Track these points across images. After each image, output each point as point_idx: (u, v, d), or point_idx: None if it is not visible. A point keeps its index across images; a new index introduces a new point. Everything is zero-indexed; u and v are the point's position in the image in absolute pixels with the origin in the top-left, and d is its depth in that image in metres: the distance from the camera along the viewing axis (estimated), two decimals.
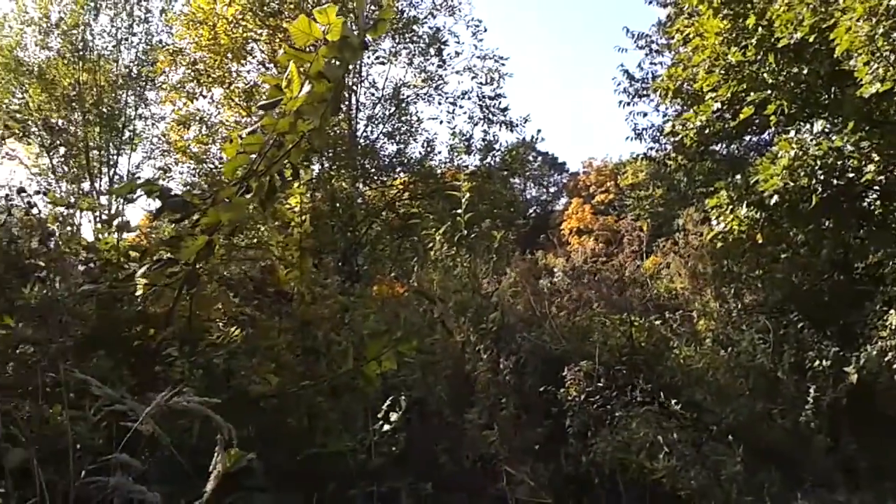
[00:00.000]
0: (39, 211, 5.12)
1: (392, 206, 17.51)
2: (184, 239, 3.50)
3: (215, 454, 2.27)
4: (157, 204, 3.72)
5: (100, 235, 5.30)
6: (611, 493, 4.96)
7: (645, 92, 20.51)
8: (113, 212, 5.74)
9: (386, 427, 3.79)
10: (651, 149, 18.84)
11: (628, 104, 20.56)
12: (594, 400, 5.80)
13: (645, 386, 5.77)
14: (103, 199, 22.76)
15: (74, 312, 3.33)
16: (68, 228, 5.23)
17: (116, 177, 25.06)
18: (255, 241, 4.22)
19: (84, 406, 2.82)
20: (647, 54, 22.28)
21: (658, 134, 19.11)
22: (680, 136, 10.39)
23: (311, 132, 3.88)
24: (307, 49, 3.87)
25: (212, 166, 17.39)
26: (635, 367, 6.35)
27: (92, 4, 23.80)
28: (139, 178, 24.77)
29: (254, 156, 3.70)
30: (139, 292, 3.58)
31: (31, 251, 4.89)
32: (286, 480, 3.71)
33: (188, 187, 16.87)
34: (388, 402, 3.87)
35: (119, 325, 3.63)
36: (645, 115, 25.65)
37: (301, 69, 3.54)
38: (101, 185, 24.89)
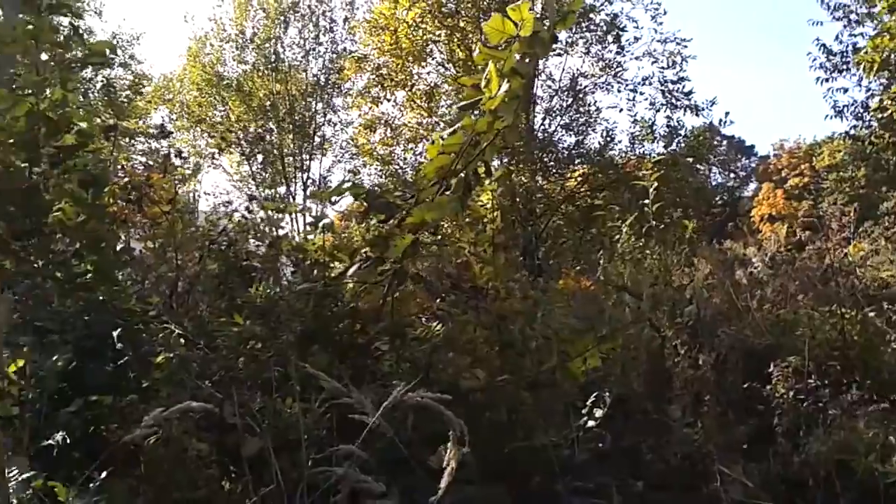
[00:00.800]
0: (252, 215, 5.54)
1: (572, 199, 17.37)
2: (392, 238, 3.65)
3: (448, 449, 2.33)
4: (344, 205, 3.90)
5: (307, 237, 5.66)
6: (827, 495, 4.63)
7: (845, 66, 18.98)
8: (316, 214, 6.07)
9: (590, 423, 3.76)
10: (854, 127, 17.43)
11: (826, 80, 19.12)
12: (804, 397, 5.44)
13: (863, 382, 5.34)
14: (297, 201, 24.24)
15: (294, 310, 3.55)
16: (280, 231, 5.59)
17: (309, 181, 26.62)
18: (438, 237, 4.31)
19: (309, 398, 3.00)
20: (845, 25, 20.61)
21: (862, 110, 17.64)
22: (889, 111, 9.55)
23: (503, 129, 3.92)
24: (499, 47, 3.91)
25: (397, 167, 18.06)
26: (849, 362, 5.89)
27: (282, 18, 25.39)
28: (330, 181, 26.20)
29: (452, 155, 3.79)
30: (349, 290, 3.78)
31: (247, 253, 5.29)
32: (491, 473, 3.77)
33: (376, 188, 17.59)
34: (592, 398, 3.84)
35: (333, 321, 3.84)
36: (845, 90, 23.74)
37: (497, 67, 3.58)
38: (295, 189, 26.55)
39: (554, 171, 17.41)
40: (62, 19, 5.08)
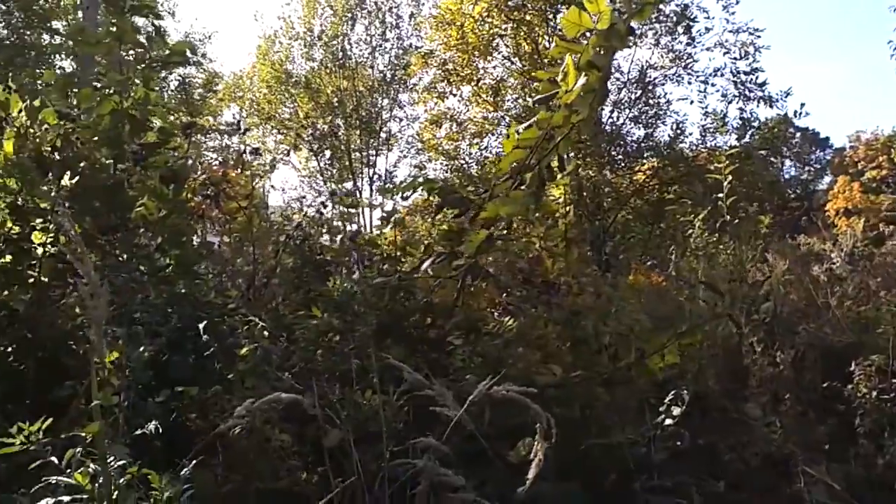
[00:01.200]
0: (326, 210, 5.62)
1: (640, 193, 17.11)
2: (466, 233, 3.66)
3: (534, 443, 2.33)
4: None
5: (380, 231, 5.71)
6: None
7: None
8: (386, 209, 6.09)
9: (668, 421, 3.70)
10: None
11: None
12: (888, 397, 5.25)
13: None
14: (364, 197, 24.47)
15: (370, 304, 3.58)
16: (353, 226, 5.66)
17: (375, 176, 26.85)
18: (503, 231, 4.29)
19: (386, 391, 3.03)
20: None
21: None
22: None
23: (579, 123, 3.88)
24: (576, 40, 3.87)
25: (462, 162, 18.08)
26: None
27: (349, 16, 25.64)
28: (395, 176, 26.40)
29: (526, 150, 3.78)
30: (424, 285, 3.81)
31: (321, 247, 5.37)
32: (565, 470, 3.74)
33: (443, 183, 17.66)
34: (670, 396, 3.78)
35: (406, 315, 3.86)
36: None
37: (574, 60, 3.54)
38: (361, 185, 26.81)
39: (622, 164, 17.18)
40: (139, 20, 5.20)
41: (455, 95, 18.50)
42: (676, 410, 3.72)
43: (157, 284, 3.85)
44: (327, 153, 26.77)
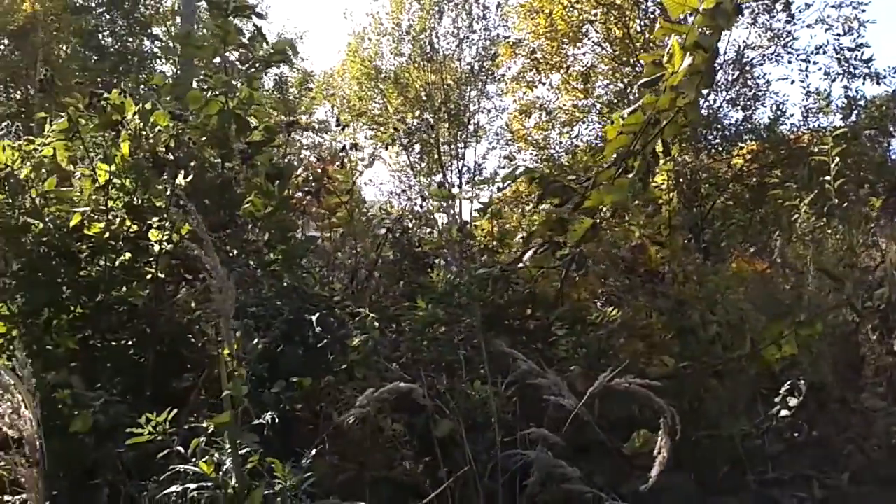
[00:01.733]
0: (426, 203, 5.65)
1: (739, 178, 16.51)
2: (569, 222, 3.61)
3: (659, 437, 2.28)
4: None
5: (474, 223, 5.71)
6: None
7: None
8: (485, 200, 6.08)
9: (784, 412, 3.56)
10: None
11: None
12: None
13: None
14: (454, 189, 24.54)
15: (473, 296, 3.58)
16: (450, 218, 5.68)
17: (464, 168, 26.88)
18: (608, 220, 4.21)
19: (493, 381, 3.02)
20: None
21: None
22: None
23: (685, 106, 3.78)
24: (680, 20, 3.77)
25: (553, 151, 17.90)
26: None
27: (436, 9, 25.71)
28: (484, 168, 26.37)
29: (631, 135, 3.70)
30: (527, 275, 3.78)
31: (420, 240, 5.41)
32: (675, 461, 3.65)
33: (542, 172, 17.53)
34: (785, 386, 3.64)
35: (509, 306, 3.85)
36: None
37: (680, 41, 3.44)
38: (451, 177, 26.89)
39: (720, 148, 16.63)
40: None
41: (544, 84, 18.31)
42: (793, 401, 3.58)
43: (267, 279, 3.95)
44: (416, 147, 26.96)
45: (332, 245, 6.06)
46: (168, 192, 3.72)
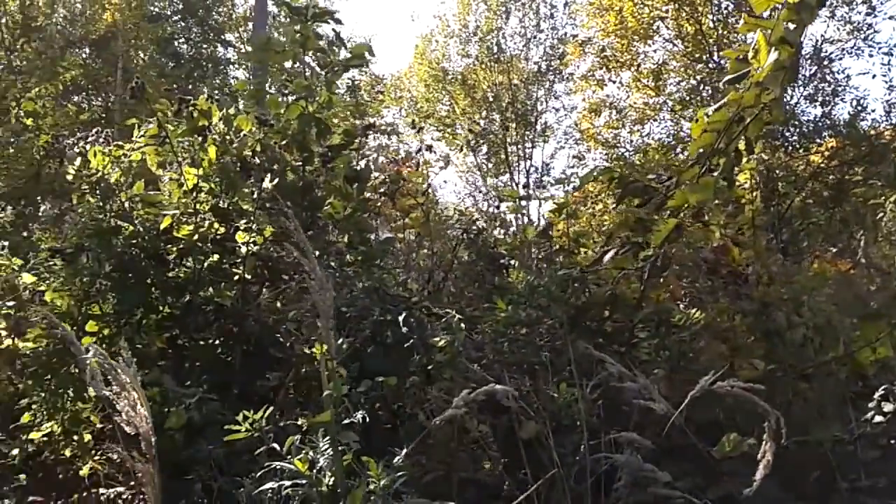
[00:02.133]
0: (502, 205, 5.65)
1: (818, 176, 16.00)
2: (652, 223, 3.56)
3: (763, 441, 2.24)
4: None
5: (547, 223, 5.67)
6: None
7: None
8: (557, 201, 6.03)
9: (878, 418, 3.44)
10: None
11: None
12: None
13: None
14: (521, 189, 24.43)
15: (553, 297, 3.56)
16: (523, 219, 5.67)
17: (532, 168, 26.74)
18: (691, 220, 4.11)
19: (581, 384, 3.00)
20: None
21: None
22: None
23: (770, 103, 3.68)
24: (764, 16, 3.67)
25: (623, 150, 17.67)
26: None
27: (503, 9, 25.67)
28: (552, 168, 26.19)
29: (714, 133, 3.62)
30: (609, 276, 3.74)
31: (495, 241, 5.41)
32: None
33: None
34: (880, 391, 3.51)
35: (590, 308, 3.81)
36: None
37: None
38: (518, 178, 26.79)
39: (798, 146, 16.15)
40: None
41: (614, 82, 18.13)
42: (888, 406, 3.45)
43: (353, 280, 4.00)
44: (484, 148, 26.95)
45: (407, 246, 6.11)
46: (255, 196, 3.80)
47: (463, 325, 3.12)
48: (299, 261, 4.12)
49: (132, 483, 3.41)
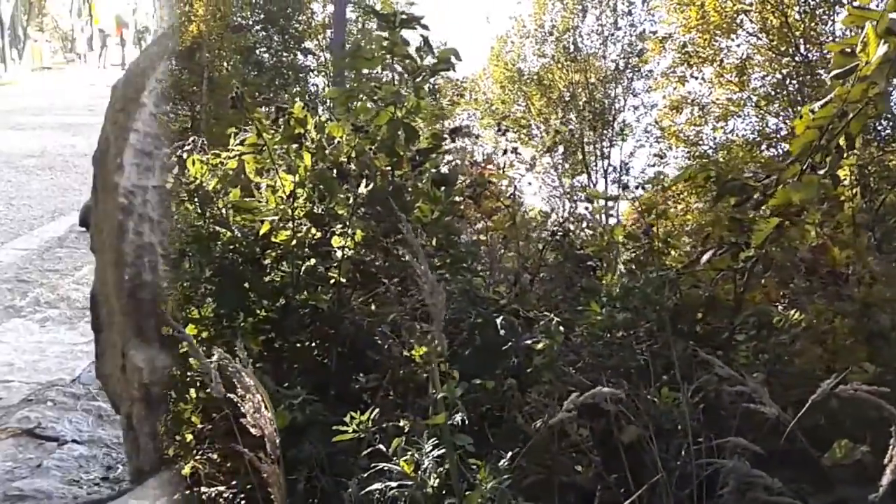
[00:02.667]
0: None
1: None
2: (752, 222, 3.48)
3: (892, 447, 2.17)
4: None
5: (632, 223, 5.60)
6: None
7: None
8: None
9: None
10: None
11: None
12: None
13: None
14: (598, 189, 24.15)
15: (649, 299, 3.51)
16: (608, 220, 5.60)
17: (609, 168, 26.43)
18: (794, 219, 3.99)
19: (683, 387, 2.95)
20: None
21: None
22: None
23: (874, 97, 3.55)
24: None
25: (706, 148, 17.30)
26: None
27: (580, 7, 25.47)
28: (631, 167, 25.83)
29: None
30: (707, 277, 3.67)
31: (582, 242, 5.36)
32: (875, 473, 3.44)
33: (681, 170, 17.02)
34: None
35: (686, 310, 3.75)
36: None
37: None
38: (595, 178, 26.50)
39: (891, 139, 15.53)
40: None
41: (696, 78, 17.77)
42: None
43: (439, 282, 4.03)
44: (560, 148, 26.75)
45: (491, 248, 6.12)
46: (350, 201, 3.88)
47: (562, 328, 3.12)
48: (391, 265, 4.23)
49: (233, 482, 3.52)
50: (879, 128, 15.90)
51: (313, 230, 3.96)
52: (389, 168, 4.60)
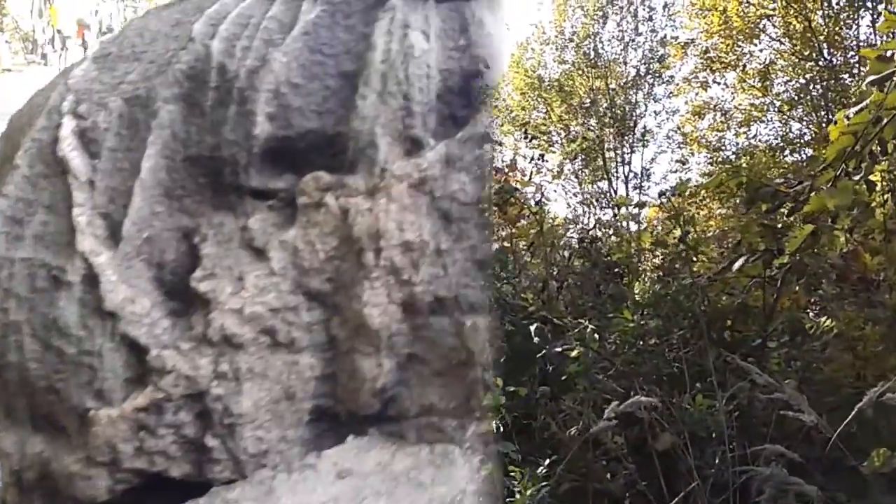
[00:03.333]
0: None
1: None
2: (785, 229, 3.46)
3: None
4: None
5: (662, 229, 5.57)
6: None
7: None
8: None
9: None
10: None
11: None
12: None
13: None
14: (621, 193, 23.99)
15: (681, 306, 3.50)
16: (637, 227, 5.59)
17: (630, 174, 26.21)
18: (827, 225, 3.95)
19: (719, 395, 2.94)
20: None
21: None
22: None
23: None
24: None
25: (728, 154, 17.16)
26: None
27: (600, 13, 25.33)
28: (652, 173, 25.61)
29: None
30: (741, 284, 3.64)
31: (609, 249, 5.35)
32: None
33: (706, 176, 16.89)
34: None
35: (720, 317, 3.72)
36: None
37: None
38: (616, 184, 26.30)
39: None
40: None
41: (718, 83, 17.62)
42: None
43: None
44: (581, 154, 26.59)
45: (515, 255, 6.11)
46: None
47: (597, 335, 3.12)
48: None
49: None
50: None
51: None
52: None
